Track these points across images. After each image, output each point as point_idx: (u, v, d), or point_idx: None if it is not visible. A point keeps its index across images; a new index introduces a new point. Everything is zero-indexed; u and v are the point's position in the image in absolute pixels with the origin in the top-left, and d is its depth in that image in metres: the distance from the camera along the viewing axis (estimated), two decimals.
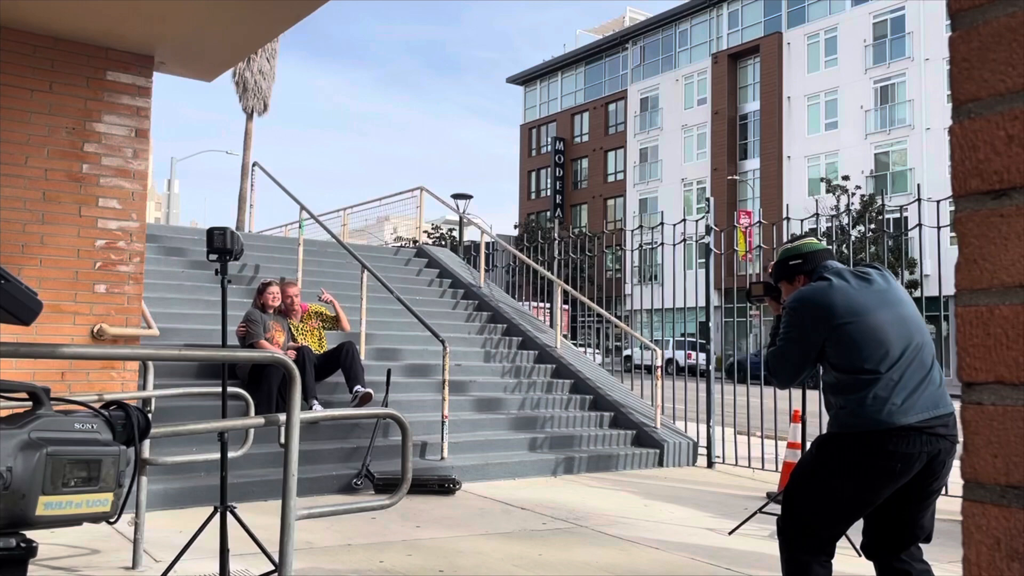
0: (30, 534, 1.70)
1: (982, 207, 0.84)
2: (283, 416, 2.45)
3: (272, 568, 3.93)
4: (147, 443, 3.92)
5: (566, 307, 13.57)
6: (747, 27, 41.87)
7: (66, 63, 5.57)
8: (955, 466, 3.25)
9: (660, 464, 8.27)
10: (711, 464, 8.44)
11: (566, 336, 11.51)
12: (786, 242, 3.69)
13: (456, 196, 16.09)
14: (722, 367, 9.32)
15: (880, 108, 36.07)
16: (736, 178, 40.90)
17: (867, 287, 3.02)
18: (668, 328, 27.12)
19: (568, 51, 51.36)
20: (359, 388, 6.96)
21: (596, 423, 8.65)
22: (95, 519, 1.79)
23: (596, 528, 5.52)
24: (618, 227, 34.28)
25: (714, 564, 4.71)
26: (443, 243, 34.02)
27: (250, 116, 27.57)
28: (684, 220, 9.81)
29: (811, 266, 3.18)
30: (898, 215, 28.42)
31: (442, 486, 6.52)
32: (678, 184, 43.42)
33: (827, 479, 2.96)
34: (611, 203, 47.65)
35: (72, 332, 5.49)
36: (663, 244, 8.99)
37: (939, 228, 7.02)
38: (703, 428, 8.73)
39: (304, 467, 6.18)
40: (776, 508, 5.50)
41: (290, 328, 7.42)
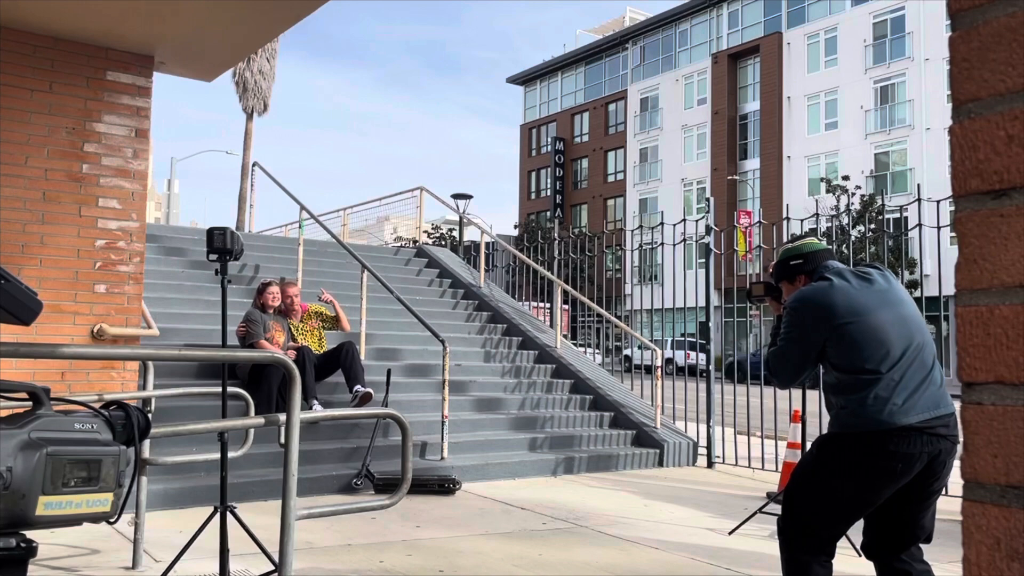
0: (30, 534, 1.70)
1: (982, 207, 0.84)
2: (283, 416, 2.45)
3: (272, 568, 3.93)
4: (147, 443, 3.92)
5: (566, 307, 13.57)
6: (747, 27, 41.87)
7: (66, 63, 5.57)
8: (955, 466, 3.25)
9: (660, 464, 8.27)
10: (711, 464, 8.44)
11: (566, 336, 11.51)
12: (787, 242, 3.69)
13: (456, 196, 16.09)
14: (722, 367, 9.32)
15: (880, 108, 36.07)
16: (736, 178, 40.90)
17: (868, 287, 3.02)
18: (668, 328, 27.11)
19: (568, 51, 51.37)
20: (359, 388, 6.96)
21: (596, 423, 8.65)
22: (95, 519, 1.79)
23: (596, 528, 5.52)
24: (618, 227, 34.27)
25: (714, 564, 4.71)
26: (443, 243, 34.01)
27: (250, 116, 27.58)
28: (684, 220, 9.81)
29: (812, 266, 3.18)
30: (898, 215, 28.42)
31: (442, 486, 6.52)
32: (678, 184, 43.43)
33: (828, 479, 2.96)
34: (611, 203, 47.65)
35: (72, 332, 5.49)
36: (663, 244, 8.99)
37: (939, 228, 7.02)
38: (703, 428, 8.73)
39: (304, 467, 6.18)
40: (776, 508, 5.50)
41: (290, 328, 7.42)
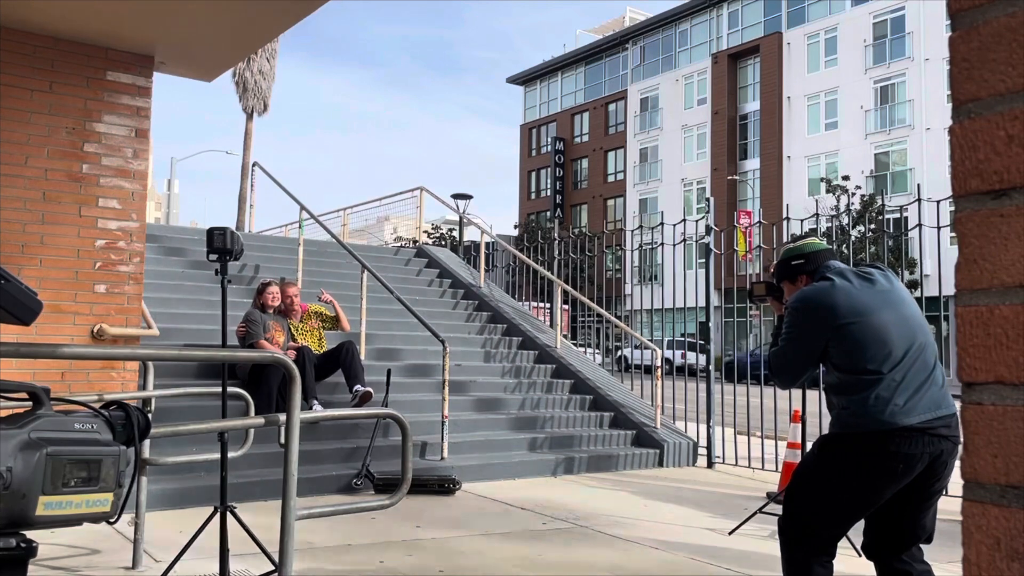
0: (30, 534, 1.70)
1: (982, 207, 0.84)
2: (283, 416, 2.45)
3: (272, 568, 3.93)
4: (147, 443, 3.92)
5: (566, 307, 13.56)
6: (747, 27, 41.87)
7: (66, 63, 5.57)
8: (956, 466, 3.25)
9: (660, 464, 8.27)
10: (711, 464, 8.44)
11: (566, 336, 11.51)
12: (787, 242, 3.69)
13: (456, 196, 16.10)
14: (721, 367, 9.31)
15: (880, 108, 36.07)
16: (736, 178, 40.90)
17: (870, 287, 3.01)
18: (668, 328, 27.11)
19: (568, 51, 51.37)
20: (359, 387, 6.96)
21: (596, 423, 8.65)
22: (95, 519, 1.78)
23: (596, 528, 5.52)
24: (618, 227, 34.28)
25: (714, 564, 4.71)
26: (443, 243, 34.01)
27: (250, 116, 27.59)
28: (684, 220, 9.81)
29: (813, 266, 3.17)
30: (898, 215, 28.41)
31: (442, 486, 6.52)
32: (678, 184, 43.43)
33: (829, 479, 2.95)
34: (611, 203, 47.64)
35: (72, 332, 5.49)
36: (663, 244, 8.99)
37: (939, 228, 7.02)
38: (703, 428, 8.73)
39: (304, 467, 6.18)
40: (776, 508, 5.50)
41: (290, 328, 7.42)
